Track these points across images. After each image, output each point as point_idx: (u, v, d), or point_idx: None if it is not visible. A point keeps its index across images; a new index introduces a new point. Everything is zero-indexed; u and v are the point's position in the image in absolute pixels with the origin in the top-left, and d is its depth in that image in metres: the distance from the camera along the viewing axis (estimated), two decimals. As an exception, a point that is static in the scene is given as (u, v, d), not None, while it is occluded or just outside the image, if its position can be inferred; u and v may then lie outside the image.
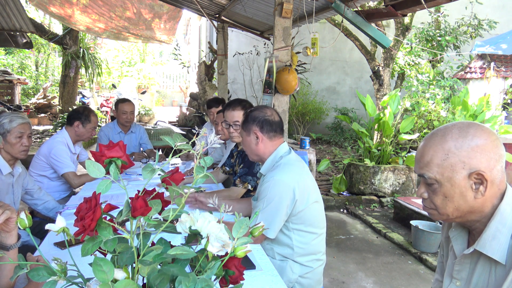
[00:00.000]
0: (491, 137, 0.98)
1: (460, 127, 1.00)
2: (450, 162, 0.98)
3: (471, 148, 0.97)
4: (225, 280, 0.84)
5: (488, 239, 0.98)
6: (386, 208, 5.12)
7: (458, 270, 1.09)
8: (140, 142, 4.10)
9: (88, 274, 0.77)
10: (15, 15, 5.96)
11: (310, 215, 1.87)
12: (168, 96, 18.43)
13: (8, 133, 2.25)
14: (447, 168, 0.99)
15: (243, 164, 2.51)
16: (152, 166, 0.80)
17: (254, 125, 1.92)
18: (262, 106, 2.02)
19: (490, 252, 0.98)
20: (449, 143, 0.99)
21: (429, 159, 1.02)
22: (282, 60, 3.79)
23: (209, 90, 8.13)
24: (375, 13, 3.91)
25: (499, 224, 0.98)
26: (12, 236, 1.29)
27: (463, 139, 0.98)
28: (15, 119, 2.29)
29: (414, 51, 7.61)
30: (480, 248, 1.00)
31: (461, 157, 0.97)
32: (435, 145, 1.02)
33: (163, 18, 7.55)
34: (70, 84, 9.66)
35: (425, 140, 1.05)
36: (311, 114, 9.09)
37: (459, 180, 0.98)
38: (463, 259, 1.07)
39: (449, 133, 1.01)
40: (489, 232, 0.99)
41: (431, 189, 1.04)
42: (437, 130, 1.05)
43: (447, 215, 1.04)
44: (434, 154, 1.01)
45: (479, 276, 1.03)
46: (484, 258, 1.01)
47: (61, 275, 0.74)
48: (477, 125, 1.00)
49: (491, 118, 5.77)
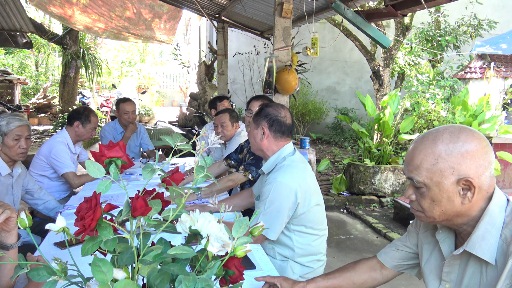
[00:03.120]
0: (482, 143, 0.98)
1: (451, 132, 1.00)
2: (439, 167, 0.98)
3: (461, 154, 0.97)
4: (225, 280, 0.84)
5: (478, 240, 0.99)
6: (386, 208, 5.12)
7: (447, 272, 1.09)
8: (141, 142, 4.09)
9: (88, 274, 0.77)
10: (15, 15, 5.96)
11: (312, 217, 1.87)
12: (168, 96, 18.42)
13: (5, 136, 2.22)
14: (436, 173, 0.99)
15: (253, 157, 2.53)
16: (152, 166, 0.80)
17: (265, 121, 1.91)
18: (278, 105, 2.00)
19: (480, 253, 0.98)
20: (439, 147, 0.99)
21: (418, 163, 1.01)
22: (282, 60, 3.79)
23: (209, 90, 8.13)
24: (375, 13, 3.91)
25: (488, 225, 0.98)
26: (12, 235, 1.29)
27: (454, 144, 0.98)
28: (13, 121, 2.26)
29: (414, 51, 7.61)
30: (469, 249, 1.00)
31: (451, 163, 0.97)
32: (425, 148, 1.01)
33: (163, 18, 7.55)
34: (70, 84, 9.66)
35: (416, 143, 1.05)
36: (311, 114, 9.09)
37: (447, 186, 0.98)
38: (452, 260, 1.07)
39: (440, 137, 1.00)
40: (478, 233, 0.99)
41: (419, 192, 1.04)
42: (429, 134, 1.04)
43: (434, 218, 1.04)
44: (424, 158, 1.00)
45: (470, 277, 1.03)
46: (474, 259, 1.02)
47: (61, 275, 0.74)
48: (469, 130, 1.00)
49: (491, 118, 5.77)
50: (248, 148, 2.73)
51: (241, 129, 3.33)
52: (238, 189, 2.83)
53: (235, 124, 3.26)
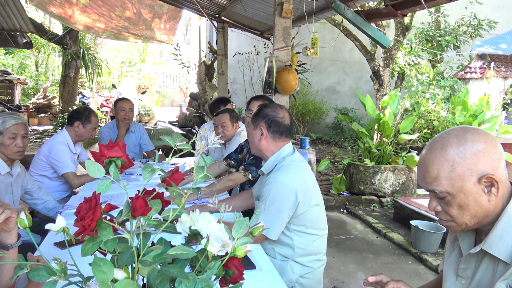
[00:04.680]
0: (489, 139, 0.99)
1: (456, 135, 1.00)
2: (457, 172, 0.98)
3: (474, 154, 0.97)
4: (225, 280, 0.84)
5: (495, 240, 0.99)
6: (386, 208, 5.12)
7: (463, 269, 1.09)
8: (140, 142, 4.07)
9: (88, 274, 0.77)
10: (15, 15, 5.95)
11: (312, 217, 1.87)
12: (168, 96, 18.42)
13: (1, 134, 2.23)
14: (456, 178, 0.98)
15: (253, 157, 2.53)
16: (152, 166, 0.80)
17: (263, 121, 1.91)
18: (277, 105, 2.00)
19: (497, 252, 0.98)
20: (450, 153, 0.99)
21: (436, 174, 1.01)
22: (282, 60, 3.79)
23: (209, 90, 8.13)
24: (375, 13, 3.91)
25: (506, 225, 0.99)
26: (12, 235, 1.29)
27: (464, 146, 0.98)
28: (8, 120, 2.26)
29: (414, 51, 7.61)
30: (486, 248, 1.00)
31: (467, 165, 0.97)
32: (438, 158, 1.01)
33: (163, 18, 7.55)
34: (70, 84, 9.66)
35: (425, 155, 1.04)
36: (311, 114, 9.09)
37: (471, 188, 0.98)
38: (469, 257, 1.08)
39: (448, 143, 1.00)
40: (496, 232, 0.99)
41: (444, 202, 1.03)
42: (434, 142, 1.03)
43: (466, 224, 1.03)
44: (440, 167, 1.00)
45: (483, 273, 1.04)
46: (488, 256, 1.02)
47: (61, 275, 0.74)
48: (473, 129, 1.00)
49: (491, 118, 5.77)
50: (248, 148, 2.73)
51: (241, 129, 3.33)
52: (238, 189, 2.83)
53: (235, 124, 3.26)
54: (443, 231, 3.67)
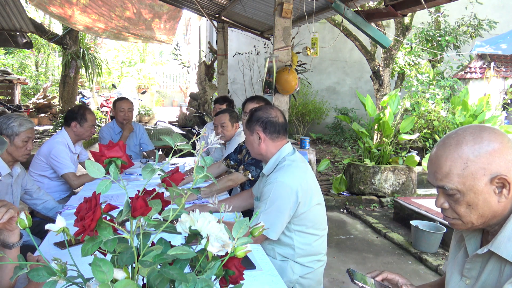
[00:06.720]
0: (505, 139, 0.97)
1: (472, 133, 0.98)
2: (470, 171, 0.96)
3: (489, 153, 0.95)
4: (225, 280, 0.84)
5: (503, 241, 0.98)
6: (386, 208, 5.12)
7: (468, 269, 1.08)
8: (140, 141, 4.08)
9: (88, 274, 0.77)
10: (15, 15, 5.95)
11: (312, 217, 1.87)
12: (168, 96, 18.42)
13: (16, 136, 2.27)
14: (468, 177, 0.97)
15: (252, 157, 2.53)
16: (152, 166, 0.80)
17: (258, 125, 1.91)
18: (267, 106, 2.00)
19: (505, 254, 0.97)
20: (465, 151, 0.97)
21: (448, 170, 0.99)
22: (282, 60, 3.79)
23: (209, 90, 8.13)
24: (375, 13, 3.90)
25: None
26: (14, 234, 1.32)
27: (480, 145, 0.96)
28: (25, 123, 2.31)
29: (414, 51, 7.61)
30: (494, 249, 0.99)
31: (481, 164, 0.96)
32: (451, 154, 0.99)
33: (163, 18, 7.55)
34: (70, 84, 9.66)
35: (438, 150, 1.02)
36: (311, 114, 9.09)
37: (482, 187, 0.96)
38: (475, 258, 1.07)
39: (463, 140, 0.98)
40: (504, 233, 0.98)
41: (453, 199, 1.01)
42: (449, 139, 1.02)
43: (472, 223, 1.02)
44: (453, 164, 0.98)
45: (488, 274, 1.03)
46: (495, 257, 1.01)
47: (61, 275, 0.74)
48: (490, 129, 0.99)
49: (491, 118, 5.77)
50: (247, 148, 2.73)
51: (241, 129, 3.33)
52: (238, 189, 2.83)
53: (235, 124, 3.26)
54: (443, 231, 3.67)
